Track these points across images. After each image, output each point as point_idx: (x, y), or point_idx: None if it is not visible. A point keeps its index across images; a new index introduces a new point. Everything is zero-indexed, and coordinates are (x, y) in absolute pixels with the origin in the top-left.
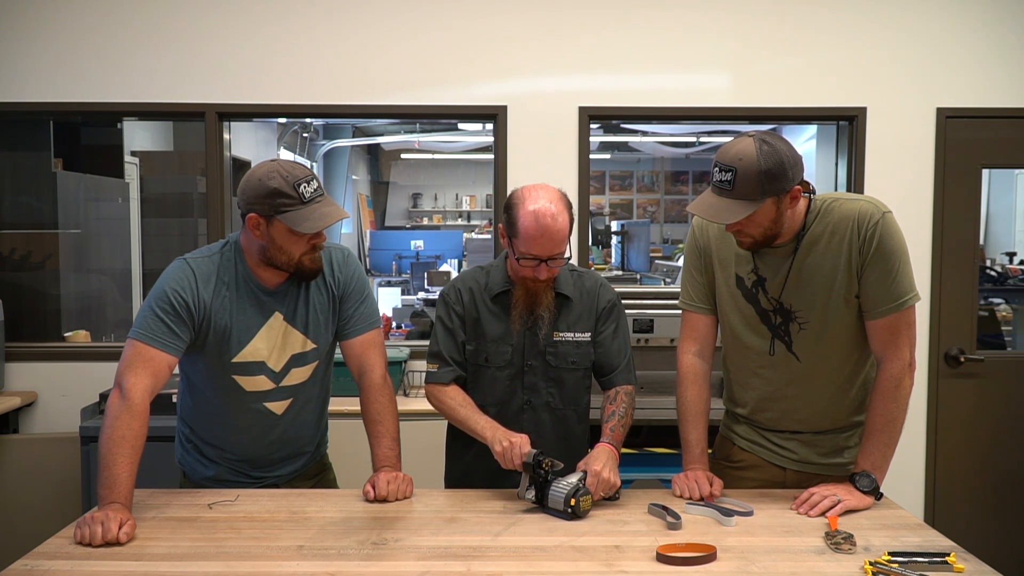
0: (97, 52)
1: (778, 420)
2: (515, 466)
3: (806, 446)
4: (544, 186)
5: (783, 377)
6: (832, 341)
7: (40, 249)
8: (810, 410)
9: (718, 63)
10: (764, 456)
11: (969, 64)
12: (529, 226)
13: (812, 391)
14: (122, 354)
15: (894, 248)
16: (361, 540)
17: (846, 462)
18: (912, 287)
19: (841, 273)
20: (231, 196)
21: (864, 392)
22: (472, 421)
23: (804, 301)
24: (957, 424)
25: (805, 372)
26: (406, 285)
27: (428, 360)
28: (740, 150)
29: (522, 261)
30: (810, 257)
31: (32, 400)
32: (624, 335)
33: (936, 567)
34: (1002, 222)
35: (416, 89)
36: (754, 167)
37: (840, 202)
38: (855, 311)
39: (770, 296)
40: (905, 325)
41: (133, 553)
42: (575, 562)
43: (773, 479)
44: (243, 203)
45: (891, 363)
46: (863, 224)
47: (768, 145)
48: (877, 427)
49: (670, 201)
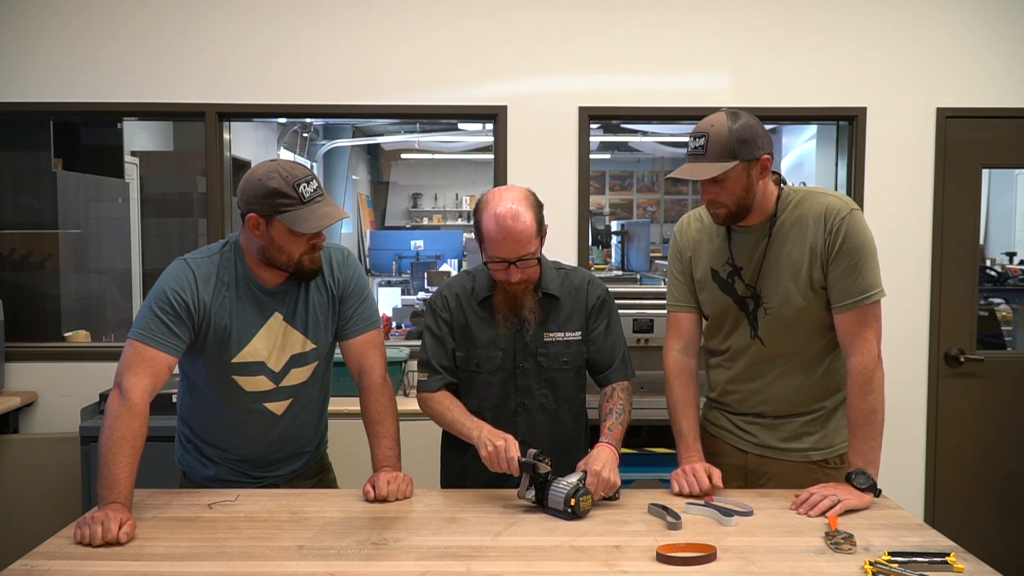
0: (97, 52)
1: (742, 402)
2: (502, 469)
3: (767, 430)
4: (510, 187)
5: (750, 359)
6: (795, 328)
7: (40, 249)
8: (772, 393)
9: (718, 63)
10: (728, 440)
11: (969, 64)
12: (491, 229)
13: (775, 375)
14: (122, 354)
15: (860, 243)
16: (361, 540)
17: (805, 448)
18: (878, 283)
19: (807, 263)
20: (231, 196)
21: (827, 381)
22: (459, 423)
23: (771, 287)
24: (957, 424)
25: (769, 356)
26: (406, 285)
27: (418, 369)
28: (711, 119)
29: (491, 265)
30: (779, 244)
31: (32, 400)
32: (617, 330)
33: (936, 567)
34: (1002, 222)
35: (416, 89)
36: (724, 130)
37: (812, 195)
38: (821, 302)
39: (747, 283)
40: (872, 318)
41: (133, 553)
42: (575, 562)
43: (735, 463)
44: (243, 203)
45: (860, 355)
46: (830, 217)
47: (737, 115)
48: (859, 421)
49: (670, 201)
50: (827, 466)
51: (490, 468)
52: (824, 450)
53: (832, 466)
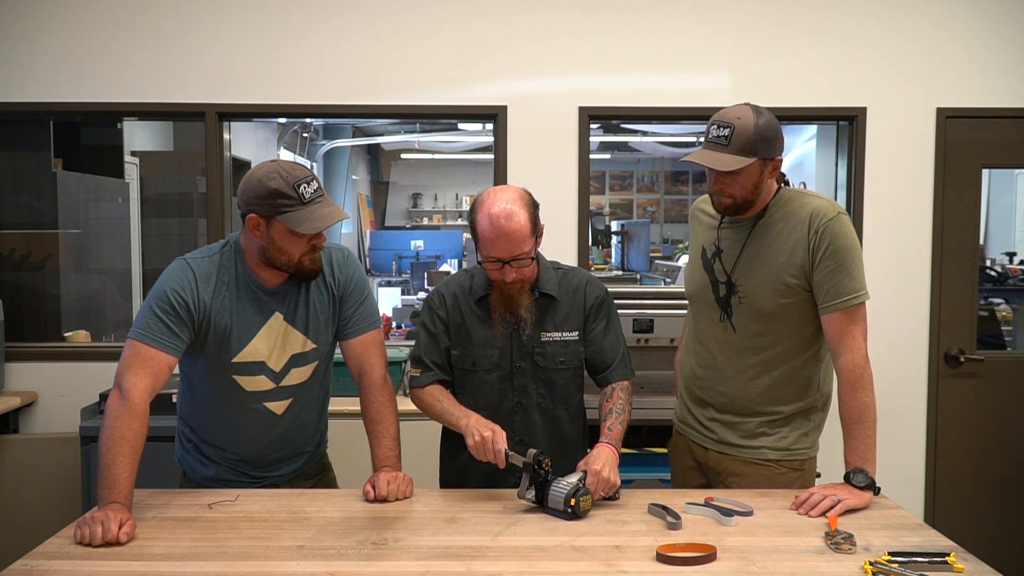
0: (97, 52)
1: (705, 388)
2: (489, 459)
3: (727, 427)
4: (505, 187)
5: (719, 344)
6: (766, 321)
7: (40, 249)
8: (734, 383)
9: (718, 63)
10: (692, 437)
11: (969, 64)
12: (485, 229)
13: (741, 367)
14: (122, 354)
15: (845, 246)
16: (361, 540)
17: (760, 446)
18: (862, 286)
19: (787, 261)
20: (231, 196)
21: (788, 386)
22: (448, 413)
23: (748, 278)
24: (957, 424)
25: (737, 344)
26: (406, 285)
27: (411, 365)
28: (739, 111)
29: (485, 264)
30: (763, 239)
31: (32, 400)
32: (616, 330)
33: (936, 567)
34: (1002, 222)
35: (416, 89)
36: (750, 125)
37: (801, 196)
38: (795, 299)
39: (725, 268)
40: (860, 318)
41: (133, 553)
42: (575, 562)
43: (697, 459)
44: (243, 203)
45: (849, 354)
46: (816, 219)
47: (760, 111)
48: (852, 420)
49: (670, 201)
50: (781, 466)
51: (476, 457)
52: (780, 451)
53: (788, 468)
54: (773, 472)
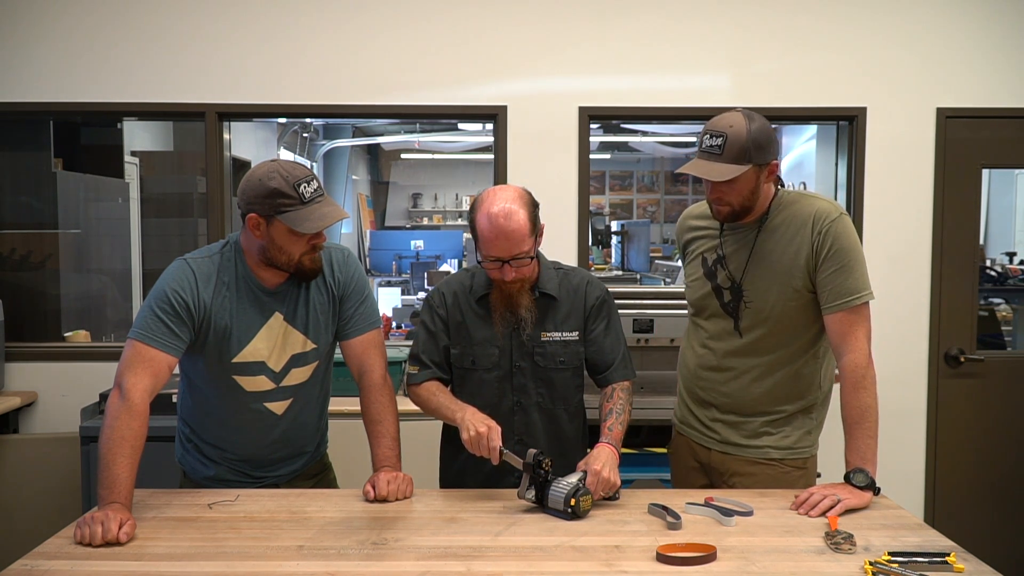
0: (97, 52)
1: (708, 389)
2: (483, 455)
3: (730, 427)
4: (504, 187)
5: (724, 347)
6: (773, 325)
7: (40, 249)
8: (737, 385)
9: (718, 63)
10: (694, 438)
11: (969, 64)
12: (484, 228)
13: (743, 369)
14: (122, 354)
15: (847, 246)
16: (361, 540)
17: (763, 445)
18: (866, 286)
19: (792, 264)
20: (231, 196)
21: (792, 386)
22: (445, 407)
23: (755, 283)
24: (957, 424)
25: (743, 346)
26: (406, 285)
27: (408, 362)
28: (731, 119)
29: (485, 264)
30: (768, 243)
31: (32, 400)
32: (617, 330)
33: (936, 567)
34: (1002, 222)
35: (416, 89)
36: (743, 133)
37: (803, 198)
38: (801, 301)
39: (732, 274)
40: (863, 319)
41: (133, 553)
42: (575, 562)
43: (700, 460)
44: (243, 203)
45: (851, 354)
46: (819, 221)
47: (752, 117)
48: (854, 420)
49: (670, 201)
50: (784, 465)
51: (470, 451)
52: (783, 450)
53: (792, 466)
54: (777, 471)
